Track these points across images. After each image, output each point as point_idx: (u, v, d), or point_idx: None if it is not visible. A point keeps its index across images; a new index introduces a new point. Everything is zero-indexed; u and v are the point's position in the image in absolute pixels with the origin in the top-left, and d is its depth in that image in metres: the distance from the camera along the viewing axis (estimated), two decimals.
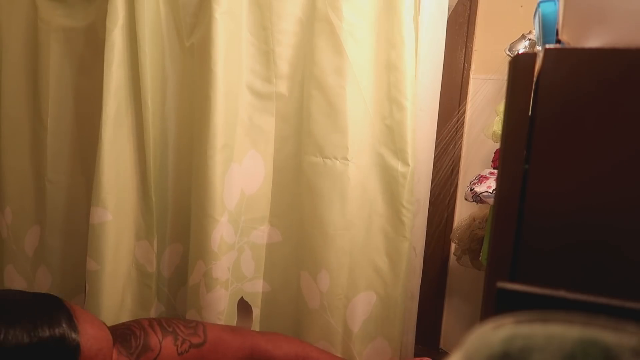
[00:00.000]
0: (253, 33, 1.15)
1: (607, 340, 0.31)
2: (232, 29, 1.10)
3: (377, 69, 1.16)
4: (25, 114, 1.29)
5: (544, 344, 0.32)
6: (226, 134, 1.12)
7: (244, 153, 1.19)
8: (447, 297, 1.72)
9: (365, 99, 1.15)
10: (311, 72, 1.14)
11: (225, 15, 1.08)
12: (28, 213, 1.32)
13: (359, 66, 1.13)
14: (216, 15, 1.06)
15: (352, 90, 1.12)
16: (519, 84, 0.52)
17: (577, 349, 0.31)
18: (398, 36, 1.12)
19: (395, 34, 1.12)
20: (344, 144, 1.13)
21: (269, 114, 1.19)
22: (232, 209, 1.16)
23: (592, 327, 0.32)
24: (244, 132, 1.18)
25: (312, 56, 1.13)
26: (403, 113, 1.15)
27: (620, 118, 0.49)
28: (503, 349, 0.32)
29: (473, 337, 0.34)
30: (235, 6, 1.11)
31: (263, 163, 1.21)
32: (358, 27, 1.12)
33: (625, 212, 0.50)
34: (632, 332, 0.31)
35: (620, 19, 0.52)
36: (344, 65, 1.11)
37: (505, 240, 0.53)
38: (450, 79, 1.64)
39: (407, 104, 1.15)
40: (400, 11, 1.11)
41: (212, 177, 1.10)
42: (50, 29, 1.22)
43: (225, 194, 1.13)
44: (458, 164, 1.65)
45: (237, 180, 1.17)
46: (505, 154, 0.54)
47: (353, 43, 1.11)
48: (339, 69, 1.11)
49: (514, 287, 0.42)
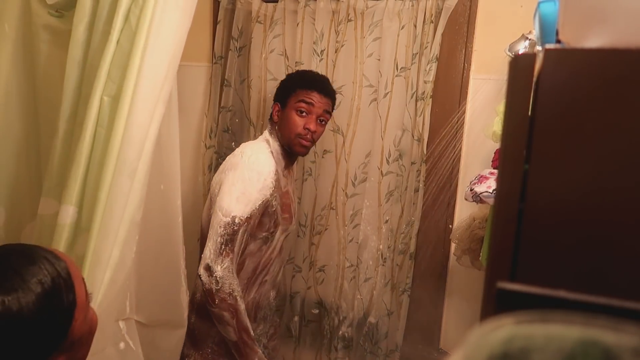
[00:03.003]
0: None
1: (607, 340, 0.31)
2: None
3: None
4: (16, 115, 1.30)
5: (544, 344, 0.32)
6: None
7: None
8: (447, 297, 1.72)
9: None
10: None
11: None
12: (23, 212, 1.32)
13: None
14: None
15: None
16: (519, 84, 0.52)
17: (577, 349, 0.31)
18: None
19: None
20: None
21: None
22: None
23: (592, 327, 0.32)
24: None
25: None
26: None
27: (620, 118, 0.49)
28: (503, 349, 0.32)
29: (473, 337, 0.34)
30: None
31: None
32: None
33: (625, 212, 0.50)
34: (632, 332, 0.31)
35: (620, 19, 0.52)
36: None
37: (505, 241, 0.53)
38: (450, 79, 1.65)
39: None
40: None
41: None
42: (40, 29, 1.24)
43: None
44: (458, 164, 1.65)
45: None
46: (505, 154, 0.55)
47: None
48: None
49: (514, 287, 0.42)
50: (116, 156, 1.06)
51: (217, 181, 1.39)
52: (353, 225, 1.75)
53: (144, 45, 1.05)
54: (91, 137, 1.09)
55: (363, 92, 1.70)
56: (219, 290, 1.27)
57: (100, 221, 1.06)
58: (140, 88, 1.06)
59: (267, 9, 1.80)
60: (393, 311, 1.74)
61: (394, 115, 1.66)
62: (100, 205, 1.06)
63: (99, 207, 1.06)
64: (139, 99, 1.07)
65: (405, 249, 1.71)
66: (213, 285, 1.27)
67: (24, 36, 1.26)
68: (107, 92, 1.08)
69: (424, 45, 1.62)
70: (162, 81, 1.11)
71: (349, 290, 1.77)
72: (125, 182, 1.07)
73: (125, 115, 1.06)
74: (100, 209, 1.06)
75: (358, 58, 1.69)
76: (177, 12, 1.10)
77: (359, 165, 1.73)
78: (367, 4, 1.66)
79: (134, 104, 1.06)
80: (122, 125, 1.05)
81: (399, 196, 1.69)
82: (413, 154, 1.66)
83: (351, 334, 1.78)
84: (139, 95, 1.06)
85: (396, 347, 1.74)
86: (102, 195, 1.06)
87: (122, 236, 1.09)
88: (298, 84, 1.46)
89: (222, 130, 1.90)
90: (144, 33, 1.05)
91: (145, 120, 1.09)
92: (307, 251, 1.82)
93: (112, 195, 1.06)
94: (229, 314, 1.29)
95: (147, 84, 1.07)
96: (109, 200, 1.06)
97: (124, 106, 1.05)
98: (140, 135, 1.09)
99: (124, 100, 1.05)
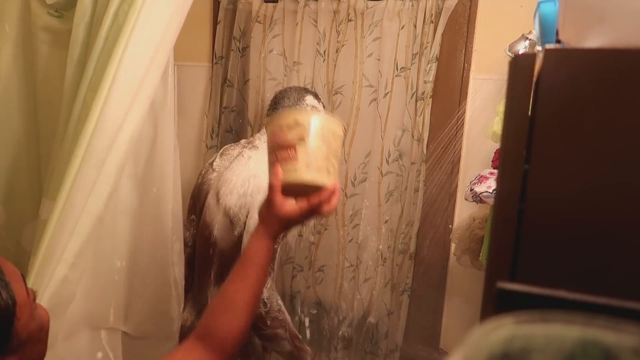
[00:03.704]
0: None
1: (607, 340, 0.31)
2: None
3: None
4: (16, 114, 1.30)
5: (544, 344, 0.31)
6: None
7: None
8: (447, 297, 1.72)
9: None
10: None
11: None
12: (23, 212, 1.32)
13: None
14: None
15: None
16: (519, 84, 0.52)
17: (577, 349, 0.31)
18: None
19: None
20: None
21: None
22: None
23: (592, 327, 0.32)
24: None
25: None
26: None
27: (619, 118, 0.49)
28: (503, 349, 0.32)
29: (473, 337, 0.34)
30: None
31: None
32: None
33: (625, 211, 0.50)
34: (632, 332, 0.31)
35: (620, 19, 0.52)
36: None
37: (505, 241, 0.53)
38: (450, 79, 1.65)
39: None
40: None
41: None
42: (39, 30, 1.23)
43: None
44: (458, 164, 1.65)
45: None
46: (505, 154, 0.54)
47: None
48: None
49: (514, 287, 0.42)
50: (86, 145, 1.01)
51: (241, 204, 1.33)
52: (353, 225, 1.75)
53: (127, 38, 1.02)
54: (72, 131, 1.06)
55: (363, 92, 1.70)
56: (269, 311, 1.25)
57: (60, 211, 1.00)
58: (118, 79, 1.03)
59: (267, 9, 1.80)
60: (393, 311, 1.74)
61: (394, 115, 1.66)
62: (62, 194, 1.00)
63: (61, 197, 1.00)
64: (115, 90, 1.03)
65: (405, 249, 1.71)
66: (262, 309, 1.24)
67: (24, 36, 1.26)
68: (91, 86, 1.06)
69: (424, 45, 1.62)
70: (143, 74, 1.07)
71: (349, 290, 1.77)
72: (91, 172, 1.02)
73: (101, 105, 1.02)
74: (62, 199, 1.00)
75: (358, 58, 1.69)
76: (168, 9, 1.08)
77: (358, 165, 1.73)
78: (367, 4, 1.66)
79: (110, 94, 1.02)
80: (96, 114, 1.01)
81: (398, 196, 1.69)
82: (413, 154, 1.66)
83: (351, 334, 1.78)
84: (116, 86, 1.03)
85: (396, 347, 1.74)
86: (66, 185, 1.00)
87: (82, 231, 1.02)
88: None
89: (226, 130, 1.90)
90: (130, 27, 1.02)
91: (119, 112, 1.04)
92: (306, 251, 1.82)
93: (76, 185, 1.01)
94: (283, 330, 1.28)
95: (126, 76, 1.04)
96: (72, 190, 1.00)
97: (100, 96, 1.02)
98: (113, 127, 1.04)
99: (101, 92, 1.02)
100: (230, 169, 1.41)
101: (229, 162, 1.46)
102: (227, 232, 1.37)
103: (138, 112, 1.09)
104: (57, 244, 1.00)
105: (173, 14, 1.09)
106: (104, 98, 1.02)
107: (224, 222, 1.37)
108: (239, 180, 1.36)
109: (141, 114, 1.10)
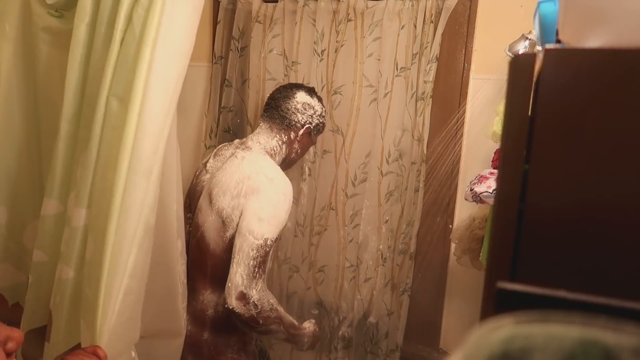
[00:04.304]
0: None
1: (607, 340, 0.31)
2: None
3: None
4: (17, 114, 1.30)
5: (544, 344, 0.32)
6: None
7: None
8: (447, 297, 1.72)
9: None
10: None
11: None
12: (25, 212, 1.32)
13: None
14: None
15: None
16: (519, 84, 0.52)
17: (577, 349, 0.31)
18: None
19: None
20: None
21: None
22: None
23: (592, 327, 0.32)
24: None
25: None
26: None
27: (620, 118, 0.49)
28: (503, 349, 0.32)
29: (473, 337, 0.34)
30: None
31: None
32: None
33: (625, 212, 0.50)
34: (632, 332, 0.31)
35: (620, 19, 0.52)
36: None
37: (505, 240, 0.53)
38: (450, 79, 1.65)
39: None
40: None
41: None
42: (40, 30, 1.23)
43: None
44: (458, 164, 1.65)
45: None
46: (505, 154, 0.54)
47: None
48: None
49: (514, 287, 0.42)
50: (129, 154, 1.01)
51: (234, 206, 1.34)
52: (353, 225, 1.75)
53: (153, 42, 1.01)
54: (98, 137, 1.06)
55: (363, 92, 1.70)
56: (260, 312, 1.25)
57: (116, 224, 1.00)
58: (151, 85, 1.02)
59: (267, 9, 1.80)
60: (393, 311, 1.74)
61: (394, 115, 1.66)
62: (115, 205, 1.00)
63: (114, 208, 1.00)
64: (150, 96, 1.02)
65: (405, 249, 1.71)
66: (253, 311, 1.25)
67: (24, 36, 1.26)
68: (113, 92, 1.05)
69: (424, 45, 1.62)
70: (175, 77, 1.07)
71: (349, 290, 1.77)
72: (140, 182, 1.02)
73: (137, 113, 1.01)
74: (115, 210, 1.00)
75: (358, 58, 1.69)
76: (187, 8, 1.08)
77: (358, 166, 1.73)
78: (367, 4, 1.66)
79: (145, 102, 1.02)
80: (133, 122, 1.01)
81: (399, 196, 1.69)
82: (413, 154, 1.66)
83: (351, 334, 1.78)
84: (150, 93, 1.02)
85: (396, 347, 1.74)
86: (117, 196, 1.00)
87: (138, 241, 1.04)
88: (324, 129, 1.61)
89: (224, 130, 1.90)
90: (153, 30, 1.01)
91: (159, 118, 1.05)
92: (306, 251, 1.82)
93: (128, 196, 1.01)
94: (276, 325, 1.29)
95: (159, 80, 1.03)
96: (125, 202, 1.01)
97: (134, 105, 1.01)
98: (154, 134, 1.04)
99: (134, 100, 1.01)
100: (222, 170, 1.41)
101: (222, 163, 1.46)
102: (218, 234, 1.37)
103: (172, 116, 1.09)
104: (119, 256, 1.01)
105: (192, 12, 1.09)
106: (139, 106, 1.01)
107: (216, 224, 1.37)
108: (232, 181, 1.36)
109: (174, 117, 1.10)
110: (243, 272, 1.25)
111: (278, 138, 1.47)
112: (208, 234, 1.39)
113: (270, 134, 1.48)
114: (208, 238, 1.39)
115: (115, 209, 1.01)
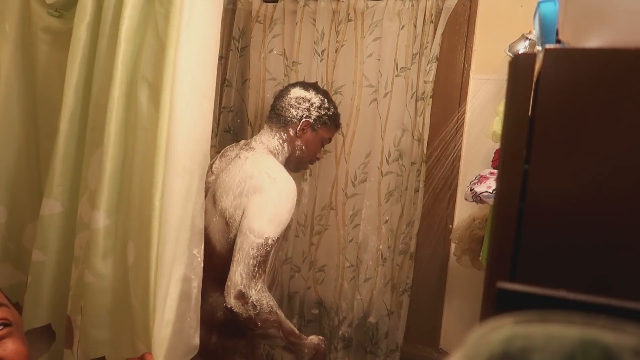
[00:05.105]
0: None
1: (607, 340, 0.31)
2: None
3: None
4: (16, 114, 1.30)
5: (544, 344, 0.32)
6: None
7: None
8: (447, 297, 1.72)
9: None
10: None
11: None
12: (24, 212, 1.32)
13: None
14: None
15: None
16: (519, 84, 0.52)
17: (577, 349, 0.31)
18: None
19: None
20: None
21: None
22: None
23: (592, 327, 0.32)
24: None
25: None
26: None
27: (620, 118, 0.49)
28: (503, 349, 0.32)
29: (473, 337, 0.34)
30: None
31: None
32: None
33: (625, 212, 0.50)
34: (632, 332, 0.31)
35: (620, 19, 0.52)
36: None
37: (505, 240, 0.53)
38: (450, 79, 1.65)
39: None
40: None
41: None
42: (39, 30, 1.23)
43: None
44: (458, 164, 1.65)
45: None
46: (505, 154, 0.54)
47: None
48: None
49: (514, 287, 0.42)
50: (164, 153, 0.98)
51: (236, 205, 1.33)
52: (353, 225, 1.75)
53: (176, 42, 0.99)
54: (114, 139, 1.05)
55: (363, 92, 1.70)
56: (259, 313, 1.24)
57: (158, 227, 0.97)
58: (177, 86, 1.00)
59: (267, 9, 1.80)
60: (393, 311, 1.74)
61: (394, 115, 1.66)
62: (155, 205, 0.97)
63: (155, 208, 0.97)
64: (177, 96, 1.00)
65: (406, 249, 1.71)
66: (251, 312, 1.23)
67: (24, 36, 1.26)
68: (141, 93, 1.04)
69: (424, 45, 1.62)
70: (200, 76, 1.06)
71: (349, 290, 1.77)
72: (175, 180, 0.99)
73: (167, 114, 0.98)
74: (156, 210, 0.97)
75: (358, 58, 1.69)
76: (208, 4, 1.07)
77: (359, 165, 1.73)
78: (367, 4, 1.66)
79: (173, 102, 0.99)
80: (164, 124, 0.98)
81: (399, 196, 1.69)
82: (413, 154, 1.67)
83: (351, 334, 1.78)
84: (177, 96, 1.00)
85: (396, 347, 1.74)
86: (156, 199, 0.97)
87: (185, 243, 1.01)
88: (334, 122, 1.54)
89: (224, 130, 1.90)
90: (175, 29, 0.99)
91: (186, 117, 1.02)
92: (306, 251, 1.82)
93: (167, 197, 0.98)
94: (274, 329, 1.27)
95: (184, 80, 1.01)
96: (164, 203, 0.98)
97: (164, 105, 0.99)
98: (186, 132, 1.02)
99: (164, 101, 0.99)
100: (226, 171, 1.41)
101: (226, 164, 1.46)
102: (223, 235, 1.36)
103: (199, 114, 1.07)
104: (164, 255, 0.99)
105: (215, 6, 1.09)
106: (168, 106, 0.99)
107: (220, 225, 1.37)
108: (235, 181, 1.35)
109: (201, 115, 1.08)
110: (243, 271, 1.24)
111: (278, 137, 1.47)
112: (213, 236, 1.38)
113: (270, 133, 1.48)
114: (214, 240, 1.38)
115: (156, 212, 0.98)
